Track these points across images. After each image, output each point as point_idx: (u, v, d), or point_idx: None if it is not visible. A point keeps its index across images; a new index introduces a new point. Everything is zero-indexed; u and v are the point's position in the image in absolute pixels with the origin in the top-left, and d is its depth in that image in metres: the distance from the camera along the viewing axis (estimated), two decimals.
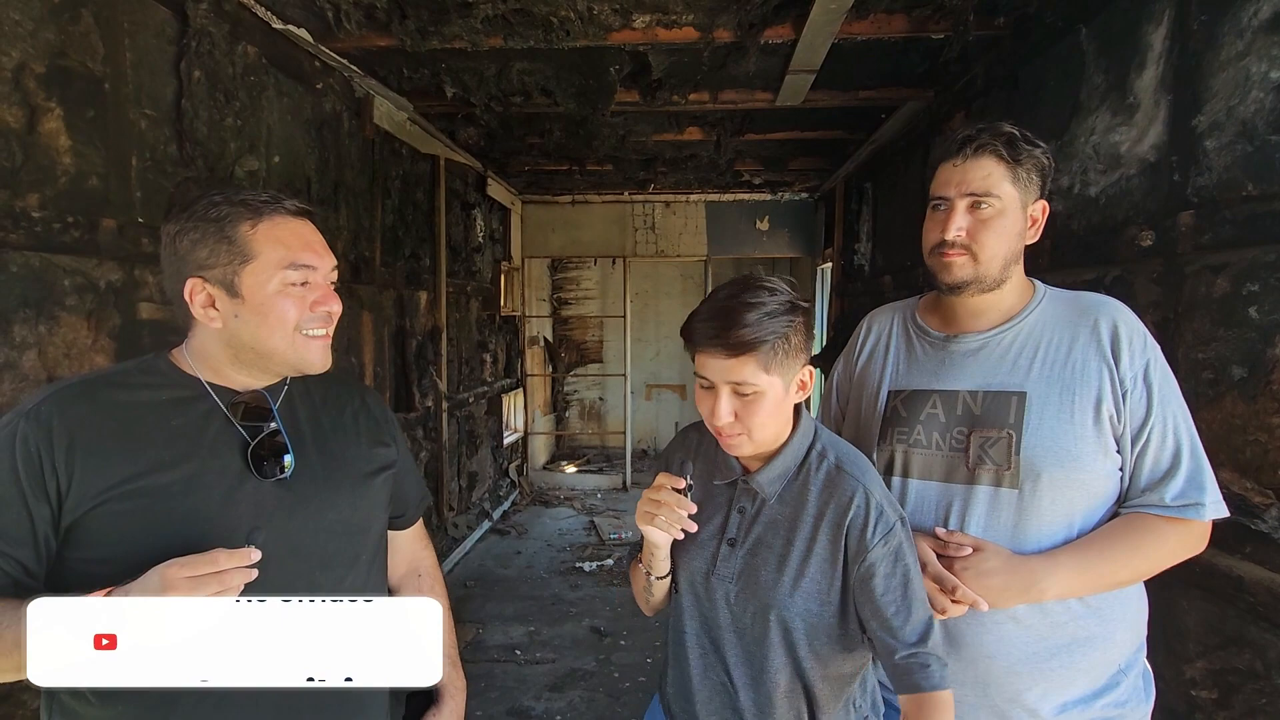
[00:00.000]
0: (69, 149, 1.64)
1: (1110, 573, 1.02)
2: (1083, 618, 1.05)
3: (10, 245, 1.49)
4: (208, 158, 2.08)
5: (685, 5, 2.41)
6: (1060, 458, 1.02)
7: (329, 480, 0.98)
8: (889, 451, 1.15)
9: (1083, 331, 1.07)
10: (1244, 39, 1.46)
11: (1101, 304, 1.09)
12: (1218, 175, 1.52)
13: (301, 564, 0.93)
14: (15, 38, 1.51)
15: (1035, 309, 1.11)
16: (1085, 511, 1.05)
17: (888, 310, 1.31)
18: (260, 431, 0.93)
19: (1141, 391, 1.02)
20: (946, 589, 1.01)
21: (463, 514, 4.72)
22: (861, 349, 1.29)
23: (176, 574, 0.75)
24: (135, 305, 1.84)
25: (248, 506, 0.90)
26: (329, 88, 2.83)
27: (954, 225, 1.07)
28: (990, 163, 1.06)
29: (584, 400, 8.11)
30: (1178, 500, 1.00)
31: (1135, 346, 1.04)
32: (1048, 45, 2.22)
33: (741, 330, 0.91)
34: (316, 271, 0.94)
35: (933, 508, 1.10)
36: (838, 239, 4.98)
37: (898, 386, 1.19)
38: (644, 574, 1.09)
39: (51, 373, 1.59)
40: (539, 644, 3.40)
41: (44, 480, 0.82)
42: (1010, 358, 1.09)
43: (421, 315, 3.95)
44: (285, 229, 0.92)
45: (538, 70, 3.02)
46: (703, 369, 0.97)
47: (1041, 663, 1.05)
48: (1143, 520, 1.03)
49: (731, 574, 1.03)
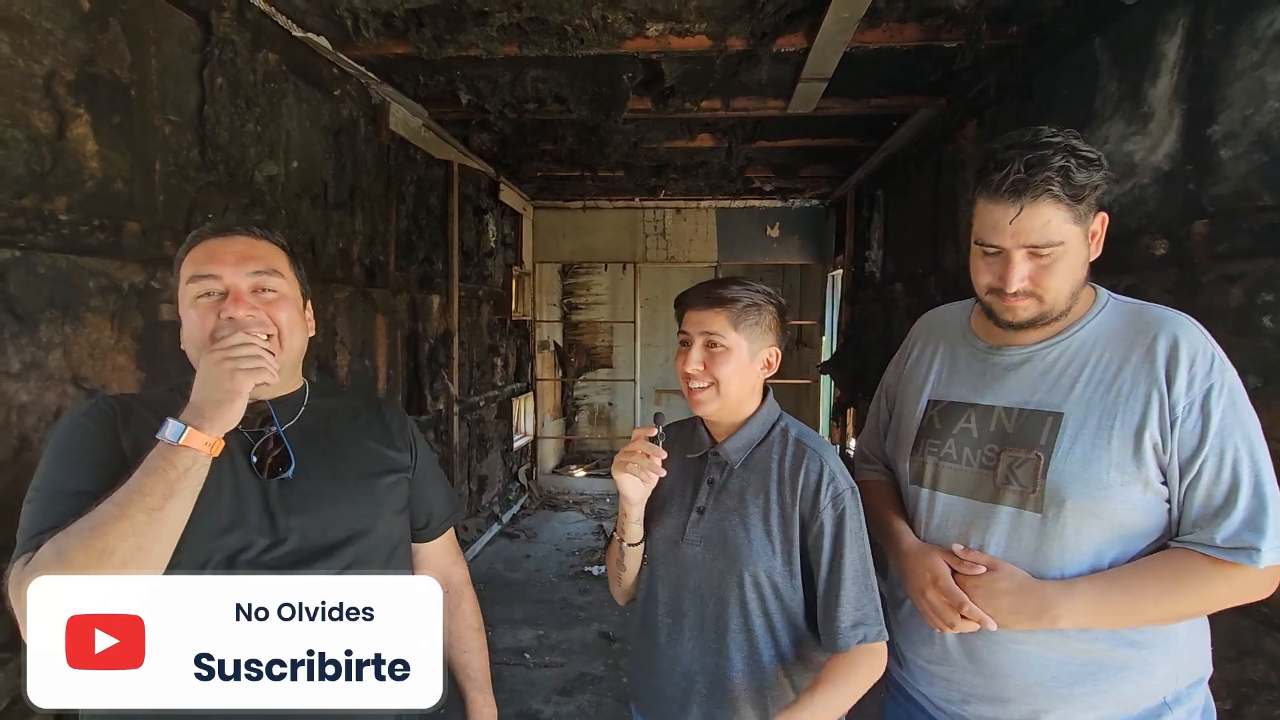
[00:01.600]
0: (96, 154, 1.68)
1: (1136, 609, 0.95)
2: (1112, 645, 0.99)
3: (39, 247, 1.53)
4: (228, 163, 2.12)
5: (698, 14, 2.43)
6: (1088, 485, 0.96)
7: (330, 478, 1.01)
8: (920, 462, 1.13)
9: (1137, 351, 0.97)
10: (1259, 49, 1.46)
11: (1164, 320, 0.98)
12: (1233, 185, 1.52)
13: (303, 556, 0.95)
14: (47, 46, 1.55)
15: (1090, 322, 1.03)
16: (1116, 543, 0.98)
17: (941, 314, 1.26)
18: (260, 435, 0.99)
19: (1196, 420, 0.93)
20: (954, 604, 1.00)
21: (472, 517, 4.74)
22: (910, 354, 1.26)
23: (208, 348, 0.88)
24: (156, 306, 1.87)
25: (255, 502, 0.94)
26: (346, 94, 2.87)
27: (1015, 277, 0.98)
28: (1048, 209, 0.94)
29: (593, 405, 8.13)
30: (1229, 542, 0.91)
31: (1197, 370, 0.93)
32: (1061, 54, 2.23)
33: (720, 290, 1.10)
34: (221, 280, 0.95)
35: (957, 524, 1.08)
36: (849, 246, 4.98)
37: (937, 396, 1.15)
38: (617, 544, 1.16)
39: (76, 372, 1.63)
40: (548, 648, 3.40)
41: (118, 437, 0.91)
42: (1054, 375, 1.03)
43: (434, 319, 3.98)
44: (204, 248, 0.97)
45: (551, 78, 3.05)
46: (685, 324, 1.12)
47: (1063, 687, 1.01)
48: (1186, 558, 0.94)
49: (699, 538, 1.11)
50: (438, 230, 4.01)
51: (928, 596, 1.04)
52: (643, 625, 1.19)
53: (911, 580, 1.08)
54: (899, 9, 2.37)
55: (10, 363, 1.48)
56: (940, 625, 1.03)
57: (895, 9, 2.37)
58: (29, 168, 1.51)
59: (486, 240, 4.94)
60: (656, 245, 6.29)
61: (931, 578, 1.04)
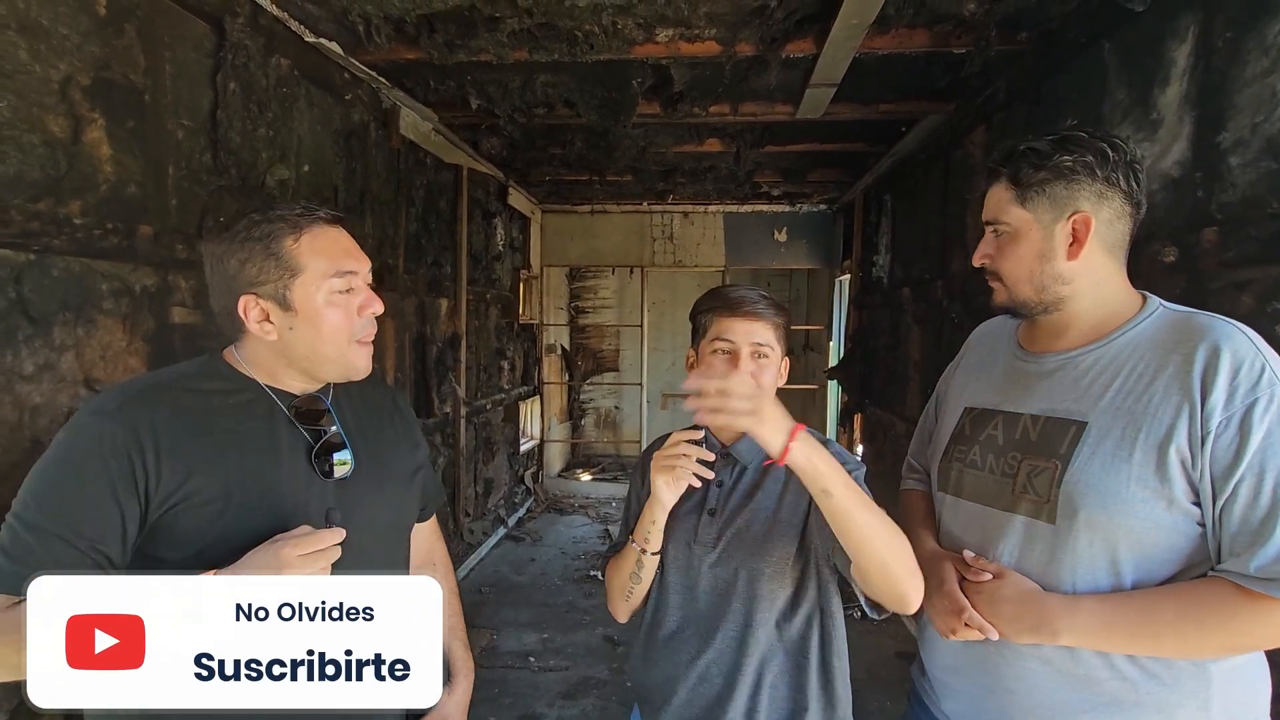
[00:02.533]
0: (110, 158, 1.70)
1: (1149, 635, 0.89)
2: (1131, 679, 0.92)
3: (53, 250, 1.55)
4: (240, 167, 2.15)
5: (708, 19, 2.44)
6: (1104, 498, 0.91)
7: (380, 481, 1.03)
8: (947, 469, 1.13)
9: (1174, 359, 0.91)
10: (1270, 56, 1.45)
11: (1209, 329, 0.91)
12: (1242, 192, 1.51)
13: (356, 561, 0.96)
14: (63, 51, 1.57)
15: (1133, 329, 0.99)
16: (1135, 561, 0.92)
17: (996, 322, 1.24)
18: (319, 433, 0.97)
19: (1234, 435, 0.85)
20: (955, 610, 1.00)
21: (478, 520, 4.75)
22: (963, 358, 1.26)
23: (291, 552, 0.81)
24: (168, 309, 1.89)
25: (316, 506, 0.94)
26: (357, 99, 2.90)
27: (979, 253, 1.07)
28: (999, 189, 1.04)
29: (600, 409, 8.14)
30: (1263, 572, 0.82)
31: (1240, 382, 0.86)
32: (1070, 60, 2.22)
33: (766, 302, 1.12)
34: (358, 276, 0.98)
35: (975, 532, 1.06)
36: (856, 251, 4.97)
37: (972, 403, 1.15)
38: (635, 554, 1.13)
39: (88, 374, 1.65)
40: (552, 651, 3.41)
41: (134, 478, 0.85)
42: (1084, 383, 0.99)
43: (442, 322, 4.00)
44: (325, 239, 0.96)
45: (561, 83, 3.07)
46: (727, 333, 1.10)
47: (1070, 715, 0.96)
48: (1215, 586, 0.86)
49: (711, 539, 1.12)
50: (447, 234, 4.04)
51: (933, 601, 1.04)
52: (652, 635, 1.17)
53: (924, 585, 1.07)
54: (908, 15, 2.37)
55: (24, 365, 1.51)
56: (944, 631, 1.03)
57: (905, 15, 2.37)
58: (44, 171, 1.54)
59: (495, 244, 4.96)
60: (664, 249, 6.30)
61: (937, 582, 1.04)
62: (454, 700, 1.17)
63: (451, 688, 1.18)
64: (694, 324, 1.19)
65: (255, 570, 0.81)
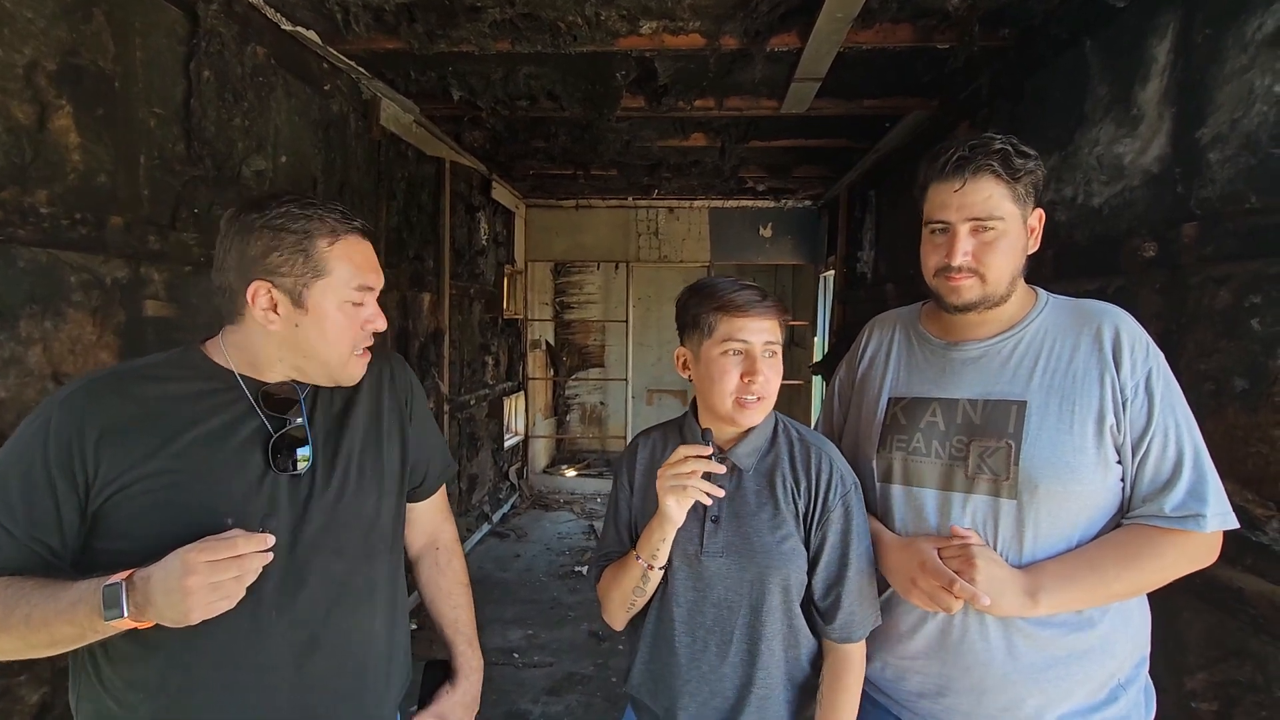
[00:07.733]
0: (78, 146, 1.65)
1: (1103, 585, 1.00)
2: (1080, 630, 1.03)
3: (19, 241, 1.50)
4: (215, 157, 2.10)
5: (692, 12, 2.42)
6: (1058, 470, 1.01)
7: (344, 476, 1.00)
8: (888, 459, 1.15)
9: (1085, 339, 1.05)
10: (1248, 52, 1.46)
11: (1103, 311, 1.07)
12: (1221, 187, 1.53)
13: (314, 554, 0.95)
14: (28, 35, 1.52)
15: (1037, 317, 1.10)
16: (1085, 525, 1.03)
17: (890, 316, 1.31)
18: (284, 424, 0.95)
19: (1143, 400, 1.00)
20: (944, 584, 0.99)
21: (462, 516, 4.72)
22: (863, 355, 1.29)
23: (197, 558, 0.77)
24: (140, 302, 1.85)
25: (265, 499, 0.92)
26: (336, 89, 2.85)
27: (959, 251, 1.07)
28: (990, 184, 1.04)
29: (585, 404, 8.11)
30: (1177, 511, 0.98)
31: (1137, 354, 1.02)
32: (1052, 57, 2.23)
33: (771, 299, 1.10)
34: (373, 292, 0.99)
35: (931, 515, 1.10)
36: (841, 247, 4.99)
37: (898, 394, 1.18)
38: (640, 569, 1.09)
39: (56, 368, 1.60)
40: (537, 647, 3.39)
41: (72, 468, 0.84)
42: (1011, 366, 1.08)
43: (425, 317, 3.96)
44: (356, 249, 0.96)
45: (544, 75, 3.03)
46: (740, 333, 1.07)
47: (1038, 673, 1.03)
48: (1140, 532, 1.00)
49: (719, 548, 1.08)
50: (429, 228, 3.99)
51: (919, 584, 1.03)
52: (656, 647, 1.14)
53: (900, 572, 1.07)
54: (892, 10, 2.37)
55: None
56: (939, 608, 1.02)
57: (888, 10, 2.37)
58: (8, 159, 1.49)
59: (478, 238, 4.91)
60: (649, 245, 6.29)
61: (919, 563, 1.04)
62: (454, 699, 1.15)
63: (452, 687, 1.16)
64: (689, 321, 1.13)
65: (163, 574, 0.77)
